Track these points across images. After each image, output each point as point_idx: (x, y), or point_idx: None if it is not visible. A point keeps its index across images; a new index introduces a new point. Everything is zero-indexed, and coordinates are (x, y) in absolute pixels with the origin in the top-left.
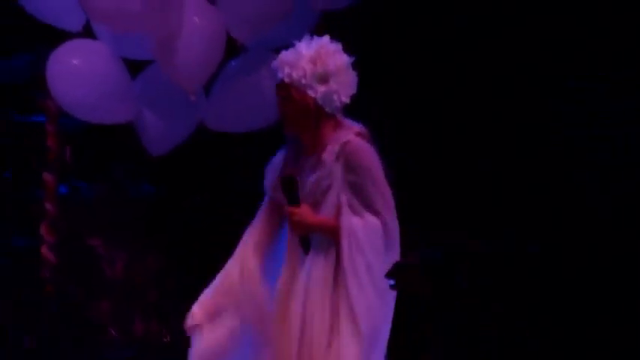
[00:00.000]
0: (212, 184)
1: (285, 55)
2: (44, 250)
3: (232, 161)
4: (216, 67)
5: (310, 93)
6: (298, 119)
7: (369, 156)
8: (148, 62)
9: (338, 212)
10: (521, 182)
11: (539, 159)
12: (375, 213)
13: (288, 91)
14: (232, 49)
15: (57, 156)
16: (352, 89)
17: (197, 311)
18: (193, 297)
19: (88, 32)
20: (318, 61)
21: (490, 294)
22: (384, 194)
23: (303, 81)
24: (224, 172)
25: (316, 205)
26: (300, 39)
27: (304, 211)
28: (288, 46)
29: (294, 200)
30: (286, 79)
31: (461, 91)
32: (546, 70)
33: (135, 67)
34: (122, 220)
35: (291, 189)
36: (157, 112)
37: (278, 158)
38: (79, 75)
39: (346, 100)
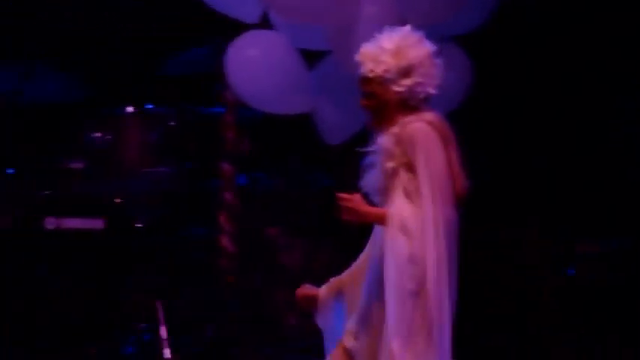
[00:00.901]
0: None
1: (367, 49)
2: (223, 239)
3: None
4: None
5: (394, 88)
6: (383, 114)
7: (425, 137)
8: (324, 53)
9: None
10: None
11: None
12: (420, 197)
13: (371, 87)
14: None
15: (235, 146)
16: (438, 79)
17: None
18: None
19: (265, 23)
20: (401, 54)
21: None
22: (433, 180)
23: (387, 75)
24: None
25: (386, 192)
26: (475, 28)
27: (356, 198)
28: (463, 34)
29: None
30: (369, 75)
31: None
32: (615, 68)
33: (311, 58)
34: (300, 209)
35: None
36: (334, 103)
37: None
38: (257, 66)
39: (433, 91)
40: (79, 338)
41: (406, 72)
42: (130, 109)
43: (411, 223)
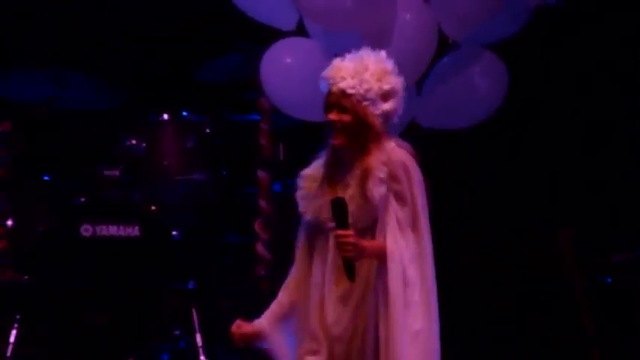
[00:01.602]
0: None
1: (347, 65)
2: (258, 246)
3: (441, 157)
4: (427, 63)
5: (372, 109)
6: (354, 132)
7: (416, 169)
8: None
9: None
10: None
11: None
12: (415, 230)
13: (349, 103)
14: (444, 45)
15: (271, 154)
16: (401, 111)
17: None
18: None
19: (300, 30)
20: (384, 78)
21: None
22: (426, 213)
23: (368, 95)
24: (432, 167)
25: (371, 218)
26: (511, 35)
27: (352, 234)
28: (499, 42)
29: (344, 224)
30: (350, 90)
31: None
32: (627, 68)
33: None
34: None
35: (342, 212)
36: None
37: (313, 169)
38: (292, 73)
39: (397, 121)
40: (115, 346)
41: (385, 96)
42: (165, 116)
43: (413, 261)
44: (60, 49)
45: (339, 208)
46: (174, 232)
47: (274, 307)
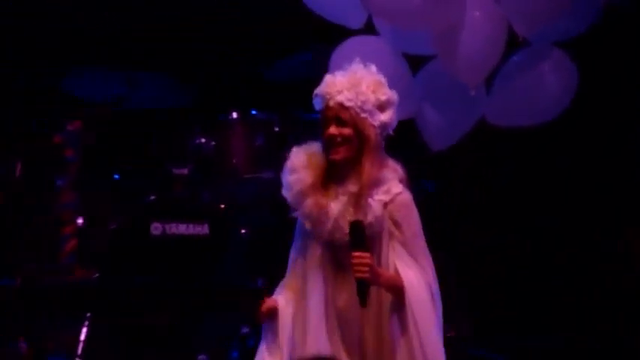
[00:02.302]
0: (485, 180)
1: (341, 79)
2: None
3: (506, 156)
4: (497, 61)
5: (370, 121)
6: (352, 145)
7: (415, 213)
8: (428, 58)
9: (389, 263)
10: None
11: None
12: (421, 271)
13: (349, 115)
14: (513, 43)
15: None
16: (396, 123)
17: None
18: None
19: (369, 28)
20: (379, 89)
21: None
22: (426, 252)
23: (365, 107)
24: (496, 166)
25: (379, 247)
26: (580, 33)
27: (368, 256)
28: (568, 40)
29: (361, 245)
30: (348, 103)
31: None
32: None
33: (415, 63)
34: None
35: (360, 234)
36: (438, 108)
37: (303, 174)
38: None
39: (391, 133)
40: (185, 344)
41: (382, 107)
42: (234, 114)
43: (432, 291)
44: (131, 49)
45: (357, 230)
46: (242, 231)
47: (283, 293)
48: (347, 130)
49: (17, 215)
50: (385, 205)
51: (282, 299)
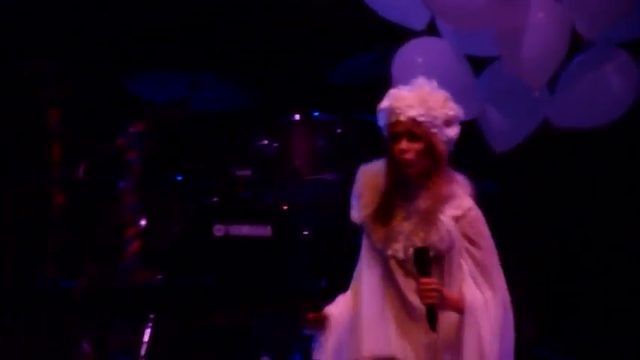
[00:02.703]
0: (550, 180)
1: (409, 94)
2: None
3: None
4: (560, 62)
5: (440, 136)
6: (426, 161)
7: (487, 229)
8: (491, 59)
9: (458, 280)
10: None
11: None
12: (494, 289)
13: (421, 130)
14: (576, 44)
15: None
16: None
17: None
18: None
19: (432, 30)
20: (447, 105)
21: None
22: (499, 269)
23: (436, 122)
24: (562, 167)
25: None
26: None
27: (435, 282)
28: (631, 40)
29: (427, 272)
30: (420, 118)
31: None
32: None
33: (478, 64)
34: None
35: (425, 261)
36: (501, 109)
37: (372, 177)
38: (424, 73)
39: (452, 149)
40: (247, 345)
41: (449, 122)
42: (296, 116)
43: (505, 307)
44: (195, 51)
45: (422, 257)
46: (305, 232)
47: (335, 309)
48: (418, 146)
49: (80, 217)
50: (457, 219)
51: (335, 309)
